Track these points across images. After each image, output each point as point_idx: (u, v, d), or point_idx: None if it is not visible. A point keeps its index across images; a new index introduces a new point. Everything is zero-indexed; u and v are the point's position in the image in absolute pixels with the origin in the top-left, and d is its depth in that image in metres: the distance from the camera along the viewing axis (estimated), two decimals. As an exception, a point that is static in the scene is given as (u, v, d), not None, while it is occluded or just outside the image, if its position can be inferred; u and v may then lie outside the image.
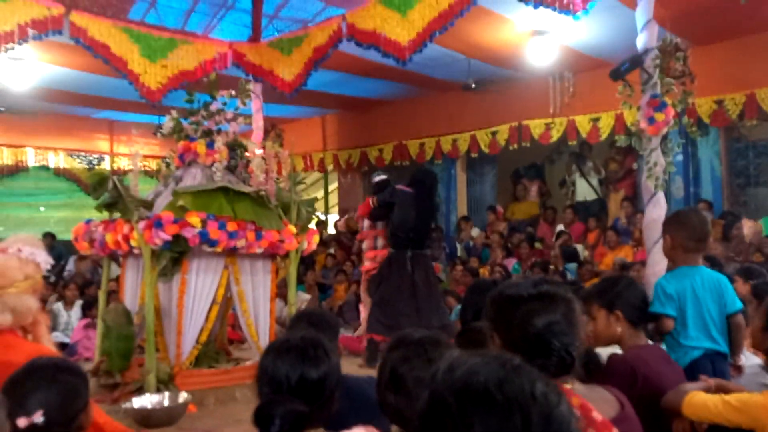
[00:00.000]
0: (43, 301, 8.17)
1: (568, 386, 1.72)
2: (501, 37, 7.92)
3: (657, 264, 5.08)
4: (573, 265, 8.32)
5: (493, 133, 10.08)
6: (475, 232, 10.43)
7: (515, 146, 9.83)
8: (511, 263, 8.78)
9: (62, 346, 7.64)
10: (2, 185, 11.72)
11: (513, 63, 8.72)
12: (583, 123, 9.17)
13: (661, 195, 5.53)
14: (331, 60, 8.16)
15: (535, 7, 6.34)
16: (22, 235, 2.53)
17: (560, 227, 9.47)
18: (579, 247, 8.88)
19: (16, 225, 11.50)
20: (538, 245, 9.28)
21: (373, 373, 2.16)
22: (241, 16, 10.34)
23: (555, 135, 9.43)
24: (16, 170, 11.77)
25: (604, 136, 9.02)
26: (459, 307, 7.50)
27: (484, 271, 8.69)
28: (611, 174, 9.75)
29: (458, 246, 10.43)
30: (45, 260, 2.47)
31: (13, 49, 7.02)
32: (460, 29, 7.12)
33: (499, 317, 1.78)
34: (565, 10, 6.22)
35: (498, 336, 1.77)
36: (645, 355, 2.67)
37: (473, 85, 9.14)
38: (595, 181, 10.01)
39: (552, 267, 8.06)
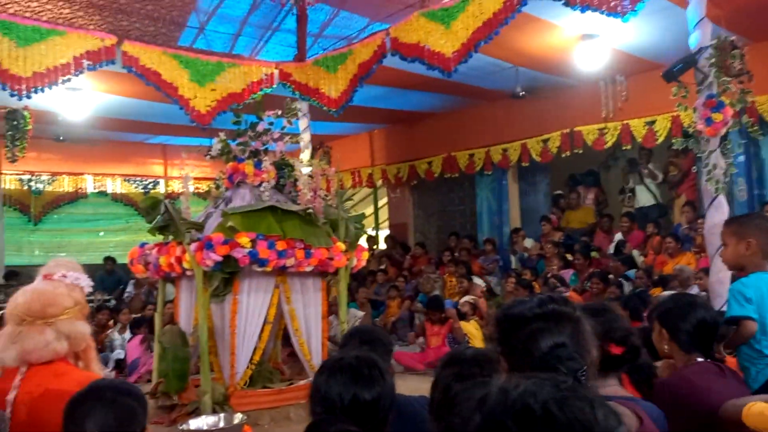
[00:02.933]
0: (104, 326, 8.38)
1: None
2: (548, 43, 7.77)
3: (720, 271, 4.84)
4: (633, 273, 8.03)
5: (545, 141, 9.87)
6: (529, 243, 10.20)
7: (568, 153, 9.60)
8: (568, 274, 8.53)
9: (119, 363, 7.80)
10: (63, 212, 12.14)
11: (562, 69, 8.54)
12: (637, 127, 8.89)
13: (722, 198, 5.29)
14: (376, 75, 8.16)
15: (582, 11, 6.20)
16: (63, 260, 2.55)
17: (618, 235, 9.17)
18: (637, 254, 8.56)
19: (77, 250, 11.87)
20: (594, 254, 9.00)
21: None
22: (287, 36, 10.50)
23: (609, 140, 9.17)
24: (76, 197, 12.19)
25: (660, 139, 8.72)
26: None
27: (537, 284, 8.47)
28: (671, 178, 9.39)
29: (512, 258, 10.22)
30: (87, 284, 2.48)
31: (69, 80, 7.28)
32: (505, 37, 7.01)
33: (504, 339, 1.67)
34: (614, 12, 6.06)
35: (504, 359, 1.66)
36: (690, 374, 2.54)
37: (522, 93, 8.98)
38: (654, 187, 9.66)
39: (611, 276, 7.79)
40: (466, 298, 8.37)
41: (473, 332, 7.56)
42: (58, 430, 2.16)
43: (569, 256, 8.98)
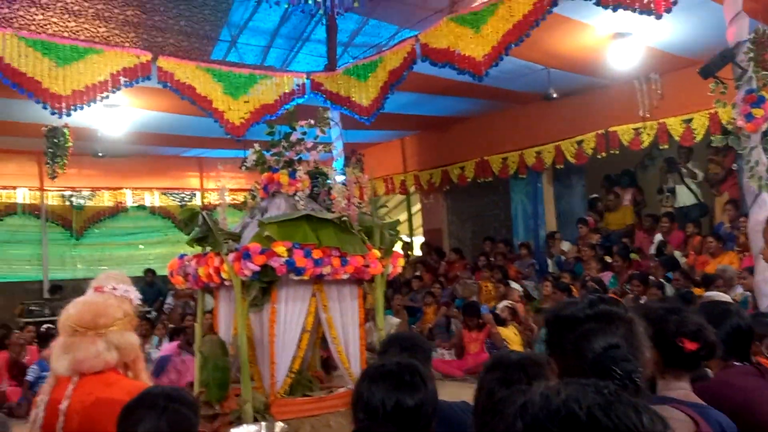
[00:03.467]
0: (145, 336, 8.53)
1: None
2: (581, 43, 7.69)
3: (766, 270, 4.72)
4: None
5: (579, 143, 9.75)
6: (566, 245, 10.08)
7: (603, 154, 9.46)
8: (607, 277, 8.39)
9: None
10: (104, 226, 12.41)
11: (595, 69, 8.45)
12: (674, 125, 8.73)
13: (765, 196, 5.16)
14: (406, 82, 8.19)
15: (615, 10, 6.14)
16: (113, 273, 2.61)
17: (658, 236, 8.99)
18: (679, 255, 8.38)
19: (117, 263, 12.12)
20: (634, 256, 8.84)
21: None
22: (317, 46, 10.60)
23: (646, 140, 9.02)
24: (116, 211, 12.46)
25: (698, 137, 8.55)
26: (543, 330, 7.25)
27: (575, 287, 8.36)
28: (712, 177, 9.17)
29: (549, 261, 10.10)
30: (136, 296, 2.53)
31: (107, 97, 7.46)
32: (536, 39, 6.97)
33: (555, 341, 1.66)
34: (647, 10, 5.98)
35: (556, 362, 1.64)
36: (728, 376, 2.48)
37: (554, 95, 8.90)
38: (694, 186, 9.45)
39: (651, 278, 7.64)
40: (504, 302, 8.30)
41: (512, 337, 7.50)
42: (109, 437, 2.20)
43: (608, 259, 8.84)
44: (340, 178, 5.96)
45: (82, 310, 2.36)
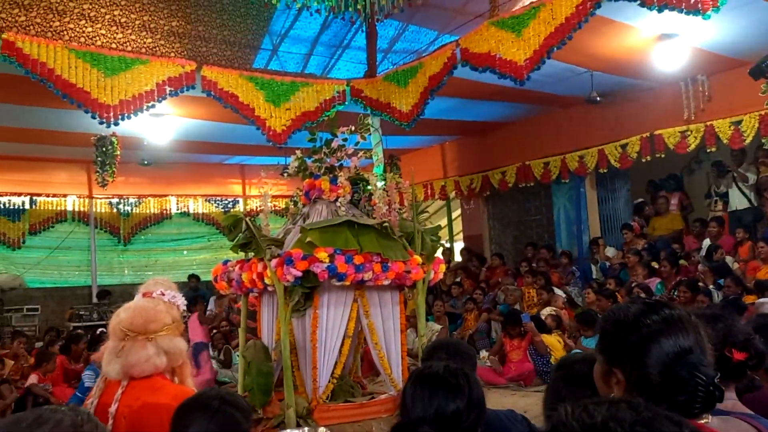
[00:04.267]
0: (188, 341, 8.68)
1: (702, 421, 1.49)
2: (625, 45, 7.55)
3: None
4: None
5: (623, 146, 9.56)
6: (610, 251, 9.88)
7: (648, 158, 9.26)
8: (653, 283, 8.19)
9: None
10: (150, 233, 12.68)
11: (639, 71, 8.28)
12: (722, 127, 8.49)
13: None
14: (447, 87, 8.16)
15: (660, 11, 6.02)
16: (160, 279, 2.66)
17: (706, 241, 8.74)
18: (731, 261, 8.13)
19: (162, 269, 12.37)
20: (683, 262, 8.62)
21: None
22: (357, 53, 10.67)
23: (692, 143, 8.79)
24: (161, 218, 12.72)
25: (748, 139, 8.29)
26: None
27: (620, 293, 8.19)
28: (764, 180, 8.87)
29: (593, 267, 9.93)
30: (183, 302, 2.57)
31: (154, 106, 7.63)
32: (579, 42, 6.87)
33: (615, 350, 1.51)
34: (694, 10, 5.85)
35: (621, 373, 1.49)
36: None
37: (598, 98, 8.75)
38: (747, 189, 9.15)
39: (701, 285, 7.43)
40: (548, 309, 8.18)
41: (556, 345, 7.37)
42: (155, 442, 2.24)
43: (655, 265, 8.63)
44: (380, 184, 5.96)
45: (133, 315, 2.41)
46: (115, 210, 12.34)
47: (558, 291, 8.96)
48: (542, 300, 8.78)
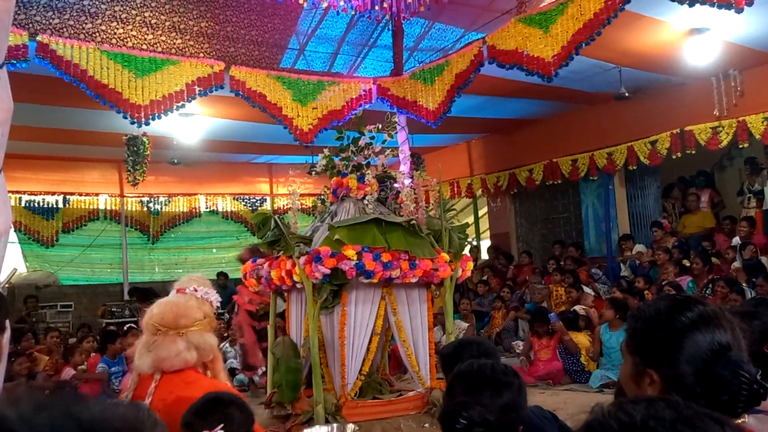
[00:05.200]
0: (222, 338, 8.78)
1: (740, 420, 1.44)
2: (654, 40, 7.45)
3: None
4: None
5: (653, 143, 9.44)
6: (640, 248, 9.76)
7: (679, 155, 9.13)
8: (684, 281, 8.08)
9: (231, 372, 8.13)
10: (179, 231, 12.85)
11: (669, 66, 8.17)
12: (755, 123, 8.32)
13: None
14: (473, 85, 8.13)
15: (691, 5, 5.94)
16: (195, 276, 2.71)
17: (736, 239, 8.59)
18: (765, 261, 7.97)
19: (192, 267, 12.52)
20: (715, 260, 8.48)
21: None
22: (383, 52, 10.67)
23: (724, 139, 8.64)
24: (191, 216, 12.88)
25: (782, 135, 8.13)
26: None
27: (648, 294, 8.08)
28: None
29: (622, 265, 9.82)
30: (216, 299, 2.61)
31: (183, 106, 7.73)
32: (608, 38, 6.80)
33: (654, 350, 1.44)
34: (726, 4, 5.76)
35: (657, 374, 1.43)
36: None
37: (627, 94, 8.65)
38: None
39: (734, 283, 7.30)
40: (577, 308, 8.12)
41: (586, 343, 7.31)
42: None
43: (686, 263, 8.51)
44: (407, 182, 5.97)
45: (164, 310, 2.46)
46: (145, 208, 12.52)
47: (587, 289, 8.88)
48: (572, 298, 8.71)
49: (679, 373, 1.39)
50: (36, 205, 11.52)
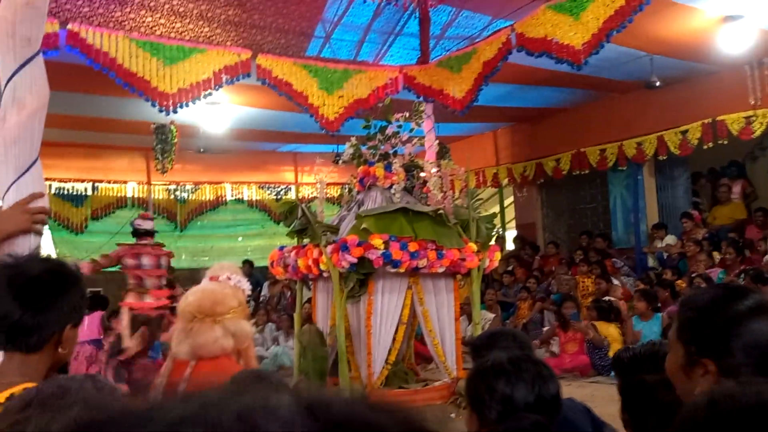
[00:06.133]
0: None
1: None
2: (687, 27, 7.30)
3: None
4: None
5: (683, 133, 9.27)
6: (670, 239, 9.61)
7: (710, 145, 8.96)
8: (715, 273, 7.94)
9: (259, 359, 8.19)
10: (206, 219, 12.94)
11: (702, 54, 8.00)
12: (791, 113, 8.14)
13: None
14: (501, 73, 8.03)
15: (726, -10, 5.79)
16: (226, 264, 2.73)
17: (770, 231, 8.43)
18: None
19: (218, 255, 12.58)
20: (747, 252, 8.32)
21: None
22: (410, 40, 10.58)
23: (758, 129, 8.45)
24: (217, 204, 12.96)
25: (818, 125, 7.94)
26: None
27: (681, 283, 7.96)
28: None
29: (649, 257, 9.69)
30: (247, 287, 2.63)
31: (210, 94, 7.75)
32: (639, 25, 6.67)
33: (708, 338, 1.41)
34: (763, -11, 5.61)
35: (713, 363, 1.39)
36: None
37: (657, 83, 8.49)
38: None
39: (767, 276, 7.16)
40: (606, 299, 8.02)
41: (615, 336, 7.22)
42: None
43: (717, 255, 8.37)
44: (434, 171, 5.93)
45: (201, 298, 2.48)
46: (172, 196, 12.62)
47: (616, 281, 8.78)
48: (600, 290, 8.62)
49: (737, 363, 1.36)
50: (66, 192, 11.67)
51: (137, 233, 7.30)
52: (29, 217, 2.01)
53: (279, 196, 13.30)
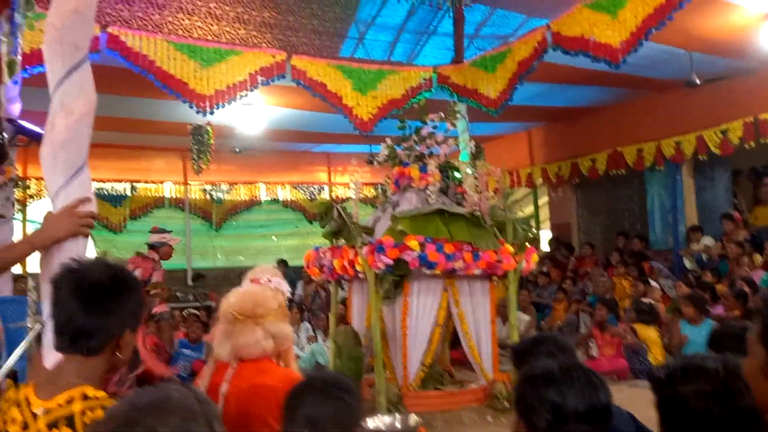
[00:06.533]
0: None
1: None
2: (728, 24, 7.14)
3: None
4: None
5: (724, 132, 9.06)
6: (709, 241, 9.40)
7: (751, 144, 8.74)
8: (758, 276, 7.74)
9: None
10: (241, 218, 13.08)
11: (743, 52, 7.82)
12: (836, 111, 7.90)
13: None
14: (535, 72, 7.96)
15: (771, -14, 5.65)
16: (266, 266, 2.75)
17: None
18: None
19: (253, 254, 12.73)
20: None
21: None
22: (443, 39, 10.57)
23: (802, 128, 8.24)
24: (251, 204, 13.09)
25: None
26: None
27: (722, 287, 7.77)
28: None
29: (685, 259, 9.48)
30: (287, 289, 2.65)
31: (246, 95, 7.84)
32: (679, 22, 6.54)
33: None
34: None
35: None
36: None
37: (697, 81, 8.32)
38: None
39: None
40: (644, 300, 7.88)
41: (654, 339, 7.09)
42: (263, 422, 2.32)
43: (758, 257, 8.16)
44: (470, 171, 5.89)
45: (242, 299, 2.51)
46: (208, 196, 12.78)
47: (654, 283, 8.62)
48: (638, 292, 8.47)
49: None
50: (105, 192, 11.90)
51: (150, 246, 7.51)
52: (77, 221, 2.06)
53: (312, 196, 13.39)
